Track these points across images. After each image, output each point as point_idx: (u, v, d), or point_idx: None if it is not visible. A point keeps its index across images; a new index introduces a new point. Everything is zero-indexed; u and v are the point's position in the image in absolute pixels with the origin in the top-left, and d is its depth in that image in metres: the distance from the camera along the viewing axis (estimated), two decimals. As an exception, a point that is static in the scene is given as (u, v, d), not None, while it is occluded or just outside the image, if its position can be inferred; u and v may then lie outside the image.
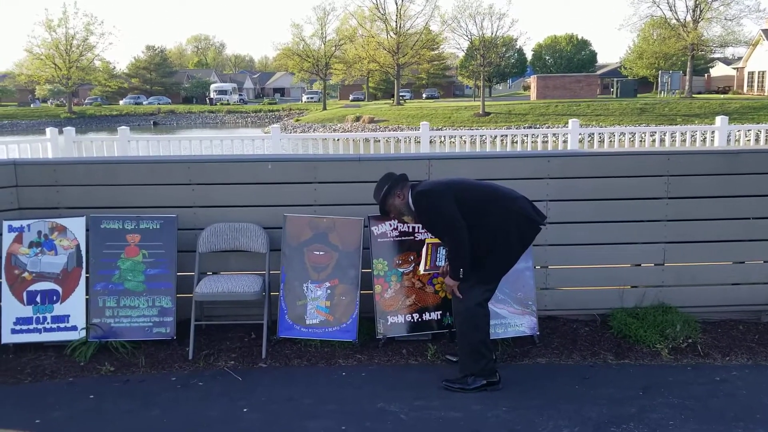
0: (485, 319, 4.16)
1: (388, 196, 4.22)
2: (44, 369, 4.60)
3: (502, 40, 52.46)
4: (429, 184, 4.19)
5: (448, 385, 4.20)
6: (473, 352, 4.13)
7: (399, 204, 4.21)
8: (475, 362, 4.14)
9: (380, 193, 4.24)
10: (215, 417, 3.92)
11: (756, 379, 4.32)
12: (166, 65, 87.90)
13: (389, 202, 4.24)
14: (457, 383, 4.18)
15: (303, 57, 61.90)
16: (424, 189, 4.12)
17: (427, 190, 4.11)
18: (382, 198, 4.24)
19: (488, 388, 4.14)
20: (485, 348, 4.15)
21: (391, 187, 4.22)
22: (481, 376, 4.14)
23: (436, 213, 4.05)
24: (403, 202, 4.20)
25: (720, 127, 10.61)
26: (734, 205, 5.13)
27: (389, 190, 4.21)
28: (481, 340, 4.13)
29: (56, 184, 5.11)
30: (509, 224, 4.04)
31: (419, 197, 4.10)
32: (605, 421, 3.80)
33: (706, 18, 48.65)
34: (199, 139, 10.73)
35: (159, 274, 4.92)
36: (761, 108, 40.60)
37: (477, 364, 4.14)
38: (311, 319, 4.88)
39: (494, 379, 4.17)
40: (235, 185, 5.14)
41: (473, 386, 4.13)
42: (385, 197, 4.23)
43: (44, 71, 60.74)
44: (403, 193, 4.20)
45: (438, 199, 4.04)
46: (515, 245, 4.10)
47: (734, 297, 5.23)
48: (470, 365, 4.16)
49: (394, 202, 4.23)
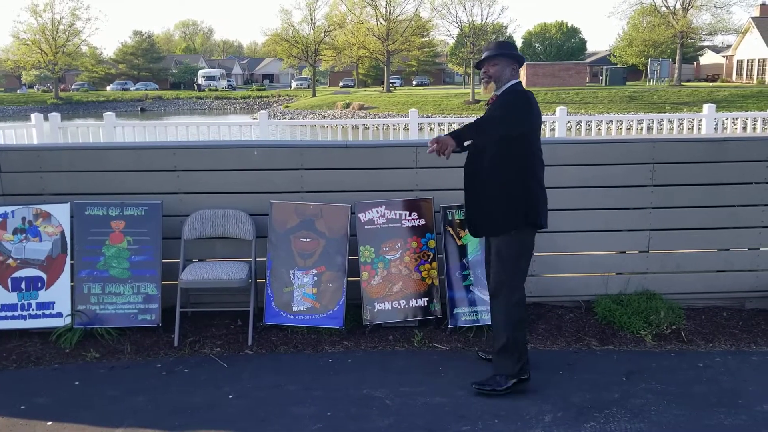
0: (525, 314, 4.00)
1: (508, 57, 3.92)
2: (29, 355, 4.59)
3: (492, 27, 52.42)
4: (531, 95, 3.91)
5: (479, 389, 3.98)
6: (513, 352, 3.94)
7: (507, 73, 3.91)
8: (514, 363, 3.94)
9: (504, 49, 3.96)
10: (201, 403, 3.92)
11: (738, 365, 4.37)
12: (154, 51, 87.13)
13: (503, 62, 3.91)
14: (488, 384, 3.98)
15: (292, 43, 61.54)
16: (528, 93, 3.89)
17: (527, 96, 3.86)
18: (504, 54, 3.92)
19: (519, 386, 3.97)
20: (524, 347, 3.98)
21: (513, 58, 3.92)
22: (514, 376, 3.96)
23: (508, 111, 3.79)
24: (509, 77, 3.92)
25: (707, 115, 10.67)
26: (719, 192, 5.16)
27: (512, 57, 3.92)
28: (522, 339, 3.97)
29: (40, 170, 5.06)
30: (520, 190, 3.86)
31: (522, 92, 3.87)
32: (588, 406, 3.83)
33: (696, 5, 48.83)
34: (186, 125, 10.68)
35: (144, 260, 4.90)
36: (750, 96, 40.83)
37: (516, 365, 3.94)
38: (298, 306, 4.88)
39: (525, 375, 3.98)
40: (221, 171, 5.11)
41: (504, 386, 3.95)
42: (506, 55, 3.92)
43: (30, 57, 60.02)
44: (514, 75, 3.94)
45: (523, 110, 3.81)
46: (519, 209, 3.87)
47: (718, 284, 5.27)
48: (509, 366, 3.95)
49: (506, 67, 3.91)
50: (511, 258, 3.91)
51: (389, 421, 3.71)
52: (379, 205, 4.98)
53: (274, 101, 63.59)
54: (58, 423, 3.72)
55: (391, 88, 56.16)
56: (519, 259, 3.94)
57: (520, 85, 3.96)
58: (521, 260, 3.95)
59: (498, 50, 3.96)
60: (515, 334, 3.93)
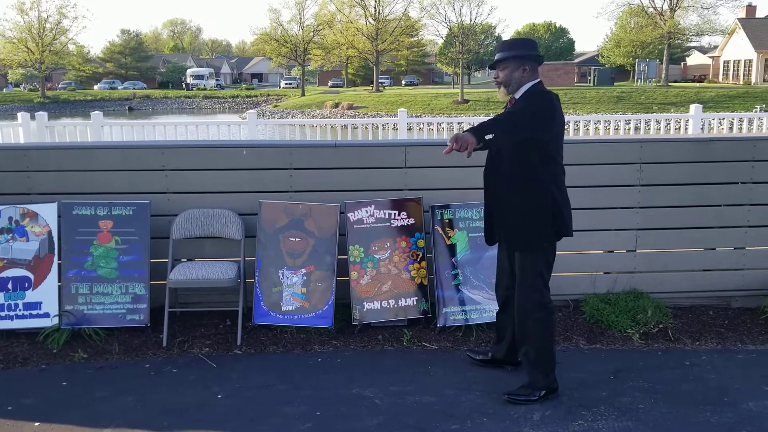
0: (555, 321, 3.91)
1: (517, 59, 3.68)
2: (16, 356, 4.55)
3: (480, 27, 52.59)
4: (555, 97, 3.72)
5: (513, 399, 3.85)
6: (545, 365, 3.85)
7: (517, 76, 3.69)
8: (545, 376, 3.85)
9: (513, 49, 3.72)
10: (189, 404, 3.91)
11: (725, 364, 4.40)
12: (142, 49, 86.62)
13: (513, 64, 3.69)
14: (522, 396, 3.85)
15: (281, 42, 61.37)
16: (551, 95, 3.68)
17: (551, 98, 3.66)
18: (512, 56, 3.69)
19: (550, 396, 3.87)
20: (553, 357, 3.88)
21: (526, 58, 3.69)
22: (545, 388, 3.86)
23: (533, 113, 3.58)
24: (521, 79, 3.70)
25: (694, 116, 10.74)
26: (706, 192, 5.20)
27: (523, 58, 3.68)
28: (553, 351, 3.88)
29: (27, 170, 5.03)
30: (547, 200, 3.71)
31: (542, 93, 3.67)
32: (576, 404, 3.85)
33: (683, 6, 49.15)
34: (174, 124, 10.64)
35: (132, 260, 4.88)
36: (736, 96, 41.14)
37: (547, 378, 3.85)
38: (287, 306, 4.88)
39: (555, 385, 3.90)
40: (209, 171, 5.09)
41: (538, 397, 3.84)
42: (515, 57, 3.68)
43: (16, 55, 59.49)
44: (528, 75, 3.70)
45: (549, 109, 3.61)
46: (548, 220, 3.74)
47: (705, 283, 5.32)
48: (541, 379, 3.84)
49: (516, 70, 3.68)
50: (537, 274, 3.82)
51: (378, 420, 3.71)
52: (369, 205, 4.98)
53: (263, 100, 63.44)
54: (46, 424, 3.70)
55: (380, 88, 56.15)
56: (545, 272, 3.85)
57: (540, 85, 3.73)
58: (546, 273, 3.86)
59: (506, 52, 3.72)
60: (547, 345, 3.86)
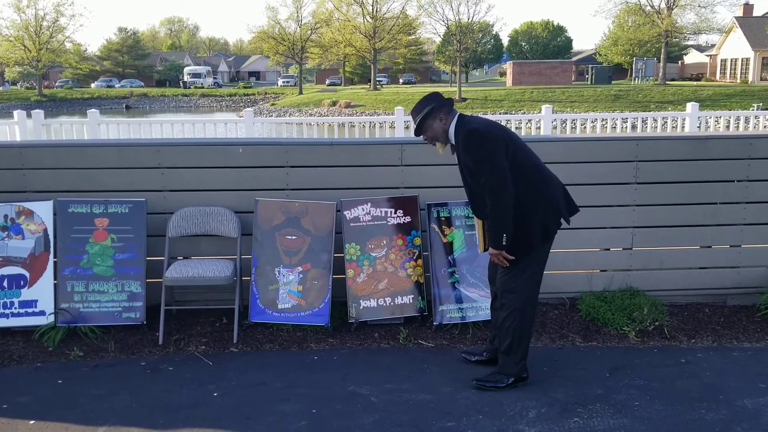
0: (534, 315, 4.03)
1: (429, 116, 3.87)
2: (12, 354, 4.55)
3: (478, 25, 52.63)
4: (483, 123, 3.79)
5: (480, 384, 4.01)
6: (517, 353, 3.97)
7: (438, 128, 3.87)
8: (516, 364, 3.98)
9: (422, 111, 3.88)
10: (185, 401, 3.91)
11: (720, 361, 4.41)
12: (139, 48, 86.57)
13: (428, 123, 3.88)
14: (490, 381, 4.01)
15: (278, 40, 61.26)
16: (479, 128, 3.73)
17: (482, 129, 3.72)
18: (423, 117, 3.87)
19: (518, 384, 4.01)
20: (527, 346, 4.00)
21: (435, 109, 3.86)
22: (514, 376, 4.01)
23: (486, 160, 3.68)
24: (444, 127, 3.87)
25: (690, 114, 10.76)
26: (701, 190, 5.21)
27: (432, 111, 3.85)
28: (527, 342, 4.00)
29: (23, 168, 5.02)
30: (536, 209, 3.81)
31: (471, 134, 3.73)
32: (572, 402, 3.85)
33: (680, 5, 49.17)
34: (171, 122, 10.62)
35: (128, 258, 4.87)
36: (733, 95, 41.21)
37: (517, 366, 3.99)
38: (283, 304, 4.88)
39: (525, 374, 4.03)
40: (205, 169, 5.09)
41: (505, 383, 3.99)
42: (426, 116, 3.87)
43: (13, 53, 59.29)
44: (447, 120, 3.86)
45: (492, 144, 3.68)
46: (537, 232, 3.84)
47: (700, 281, 5.33)
48: (511, 366, 4.00)
49: (433, 125, 3.88)
50: (532, 273, 3.93)
51: (374, 417, 3.71)
52: (365, 203, 4.98)
53: (260, 99, 63.37)
54: (41, 422, 3.69)
55: (377, 86, 56.11)
56: (537, 273, 3.97)
57: (462, 119, 3.85)
58: (538, 274, 3.98)
59: (417, 117, 3.89)
60: (523, 335, 3.94)
